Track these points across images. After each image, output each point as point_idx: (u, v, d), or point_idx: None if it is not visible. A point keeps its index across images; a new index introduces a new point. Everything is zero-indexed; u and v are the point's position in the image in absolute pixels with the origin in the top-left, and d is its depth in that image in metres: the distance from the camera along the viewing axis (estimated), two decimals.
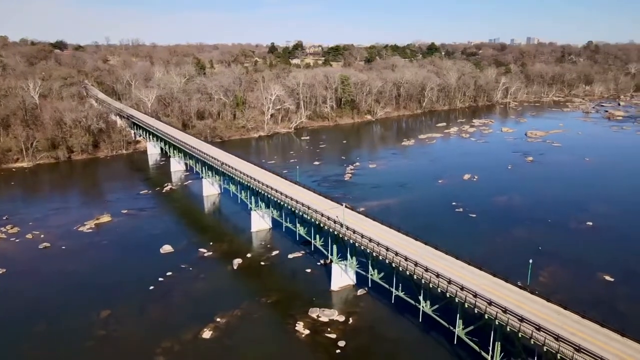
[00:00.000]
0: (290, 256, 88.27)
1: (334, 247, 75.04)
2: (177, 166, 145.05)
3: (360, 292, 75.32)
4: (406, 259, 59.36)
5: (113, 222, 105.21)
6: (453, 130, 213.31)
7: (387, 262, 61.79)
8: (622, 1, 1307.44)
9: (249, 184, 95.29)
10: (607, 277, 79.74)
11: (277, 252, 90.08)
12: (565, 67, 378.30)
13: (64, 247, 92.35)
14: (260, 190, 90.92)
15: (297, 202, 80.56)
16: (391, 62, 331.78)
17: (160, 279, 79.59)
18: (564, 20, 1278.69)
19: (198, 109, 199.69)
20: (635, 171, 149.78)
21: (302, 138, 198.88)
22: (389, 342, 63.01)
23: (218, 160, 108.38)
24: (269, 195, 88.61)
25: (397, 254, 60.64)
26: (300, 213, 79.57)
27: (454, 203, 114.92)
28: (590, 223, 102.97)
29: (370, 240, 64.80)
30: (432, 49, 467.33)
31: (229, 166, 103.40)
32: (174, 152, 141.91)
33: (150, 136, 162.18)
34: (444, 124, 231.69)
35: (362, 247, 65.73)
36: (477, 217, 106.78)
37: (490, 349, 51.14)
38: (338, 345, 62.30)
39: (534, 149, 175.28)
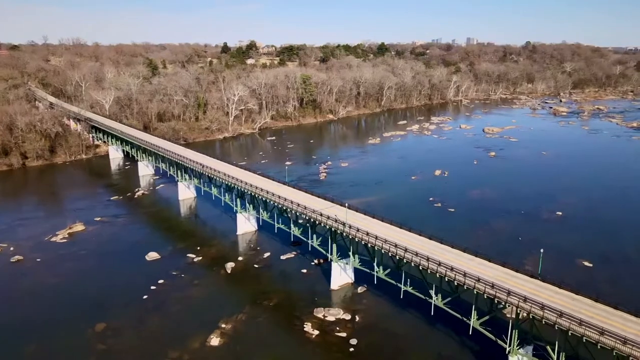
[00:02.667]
0: (282, 257, 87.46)
1: (334, 246, 75.07)
2: (145, 170, 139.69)
3: (360, 289, 75.83)
4: (417, 254, 60.38)
5: (88, 231, 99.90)
6: (415, 128, 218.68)
7: (397, 258, 62.52)
8: (555, 4, 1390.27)
9: (235, 186, 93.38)
10: (586, 263, 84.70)
11: (268, 254, 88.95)
12: (509, 67, 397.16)
13: (39, 260, 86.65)
14: (250, 193, 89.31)
15: (292, 202, 79.85)
16: (346, 61, 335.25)
17: (152, 287, 76.54)
18: (501, 21, 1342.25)
19: (159, 110, 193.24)
20: (589, 162, 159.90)
21: (268, 138, 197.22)
22: (400, 337, 63.95)
23: (198, 163, 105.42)
24: (260, 197, 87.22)
25: (406, 249, 61.50)
26: (298, 213, 78.90)
27: (431, 198, 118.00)
28: (560, 213, 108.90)
29: (377, 237, 65.32)
30: (382, 49, 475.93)
31: (211, 169, 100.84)
32: (142, 156, 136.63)
33: (113, 140, 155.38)
34: (405, 121, 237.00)
35: (370, 245, 66.13)
36: (455, 212, 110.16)
37: (508, 337, 53.03)
38: (350, 344, 62.51)
39: (493, 144, 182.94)
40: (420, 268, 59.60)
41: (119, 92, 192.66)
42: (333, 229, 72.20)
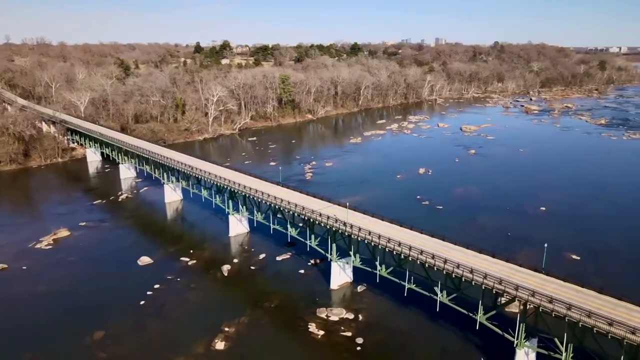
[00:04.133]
0: (278, 258, 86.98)
1: (333, 245, 75.14)
2: (127, 173, 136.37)
3: (360, 288, 76.14)
4: (421, 252, 61.05)
5: (74, 237, 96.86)
6: (394, 127, 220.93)
7: (402, 256, 63.04)
8: (520, 5, 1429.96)
9: (228, 188, 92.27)
10: (574, 256, 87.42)
11: (263, 255, 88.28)
12: (480, 66, 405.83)
13: (25, 268, 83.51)
14: (245, 194, 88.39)
15: (288, 203, 79.50)
16: (321, 61, 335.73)
17: (148, 292, 74.91)
18: (469, 22, 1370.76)
19: (136, 112, 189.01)
20: (565, 160, 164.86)
21: (249, 139, 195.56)
22: (405, 334, 64.59)
23: (187, 165, 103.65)
24: (255, 199, 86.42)
25: (411, 247, 62.09)
26: (296, 214, 78.56)
27: (418, 197, 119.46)
28: (544, 208, 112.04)
29: (380, 236, 65.73)
30: (355, 49, 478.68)
31: (201, 170, 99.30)
32: (124, 158, 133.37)
33: (91, 142, 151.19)
34: (383, 121, 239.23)
35: (373, 244, 66.45)
36: (443, 209, 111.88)
37: (516, 330, 54.25)
38: (357, 343, 62.72)
39: (472, 142, 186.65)
40: (427, 265, 60.24)
41: (94, 93, 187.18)
42: (334, 229, 72.19)
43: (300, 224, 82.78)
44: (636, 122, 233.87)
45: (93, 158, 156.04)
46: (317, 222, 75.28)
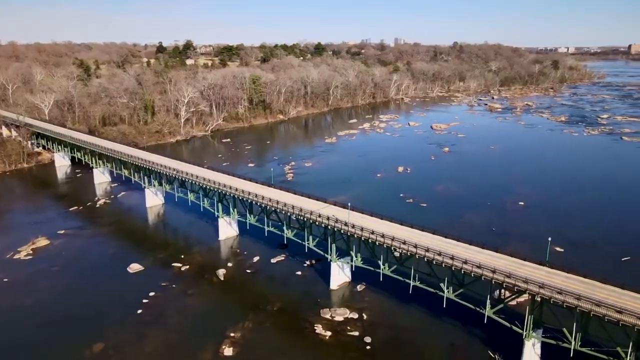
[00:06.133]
0: (273, 261, 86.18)
1: (333, 246, 75.18)
2: (101, 178, 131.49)
3: (359, 287, 76.51)
4: (428, 249, 61.97)
5: (54, 246, 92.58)
6: (366, 126, 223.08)
7: (409, 254, 63.81)
8: (477, 5, 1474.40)
9: (218, 190, 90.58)
10: (558, 249, 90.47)
11: (257, 258, 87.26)
12: (442, 66, 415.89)
13: (6, 280, 79.22)
14: (237, 196, 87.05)
15: (285, 204, 78.90)
16: (287, 61, 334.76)
17: (144, 300, 72.62)
18: (428, 22, 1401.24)
19: (104, 114, 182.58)
20: (534, 155, 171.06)
21: (223, 141, 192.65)
22: (412, 331, 65.40)
23: (172, 168, 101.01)
24: (249, 201, 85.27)
25: (416, 246, 62.94)
26: (294, 216, 78.06)
27: (401, 194, 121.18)
28: (522, 203, 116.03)
29: (384, 235, 66.30)
30: (319, 49, 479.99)
31: (187, 173, 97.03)
32: (98, 163, 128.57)
33: (60, 146, 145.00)
34: (355, 120, 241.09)
35: (378, 243, 66.91)
36: (428, 206, 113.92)
37: (525, 322, 55.97)
38: (365, 342, 62.97)
39: (444, 140, 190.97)
40: (435, 263, 61.22)
41: (58, 95, 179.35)
42: (336, 229, 72.22)
43: (297, 226, 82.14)
44: (593, 119, 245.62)
45: (62, 163, 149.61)
46: (316, 223, 75.06)
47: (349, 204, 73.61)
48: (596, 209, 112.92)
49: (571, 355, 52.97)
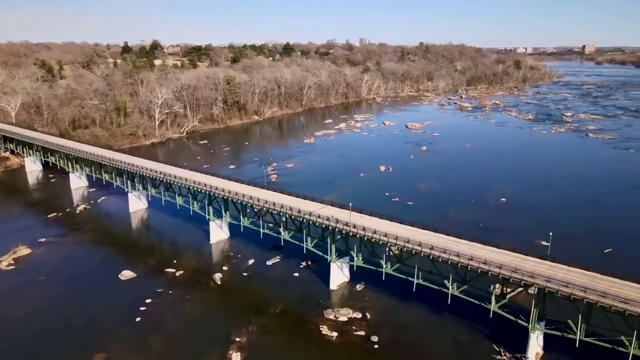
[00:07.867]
0: (268, 263, 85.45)
1: (333, 246, 75.21)
2: (78, 182, 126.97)
3: (359, 287, 76.84)
4: (432, 247, 62.87)
5: (36, 254, 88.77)
6: (342, 126, 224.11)
7: (413, 253, 64.53)
8: (445, 6, 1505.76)
9: (209, 193, 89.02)
10: (544, 242, 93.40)
11: (252, 260, 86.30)
12: (411, 65, 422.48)
13: None
14: (231, 199, 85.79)
15: (282, 206, 78.37)
16: (257, 61, 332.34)
17: (141, 307, 70.65)
18: (393, 22, 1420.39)
19: (74, 117, 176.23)
20: (509, 153, 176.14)
21: (200, 142, 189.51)
22: (417, 328, 66.21)
23: (157, 172, 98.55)
24: (244, 203, 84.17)
25: (420, 244, 63.76)
26: (292, 217, 77.60)
27: (387, 193, 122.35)
28: (504, 199, 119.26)
29: (387, 234, 66.84)
30: (288, 49, 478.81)
31: (176, 177, 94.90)
32: (75, 167, 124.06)
33: (31, 151, 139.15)
34: (330, 120, 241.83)
35: (382, 243, 67.36)
36: (414, 205, 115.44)
37: (531, 315, 57.60)
38: (372, 341, 63.32)
39: (420, 139, 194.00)
40: (440, 260, 62.16)
41: (26, 97, 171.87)
42: (337, 230, 72.26)
43: (293, 227, 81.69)
44: (558, 117, 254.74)
45: (33, 168, 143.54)
46: (316, 224, 74.89)
47: (350, 205, 73.67)
48: (574, 204, 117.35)
49: (577, 345, 54.89)
